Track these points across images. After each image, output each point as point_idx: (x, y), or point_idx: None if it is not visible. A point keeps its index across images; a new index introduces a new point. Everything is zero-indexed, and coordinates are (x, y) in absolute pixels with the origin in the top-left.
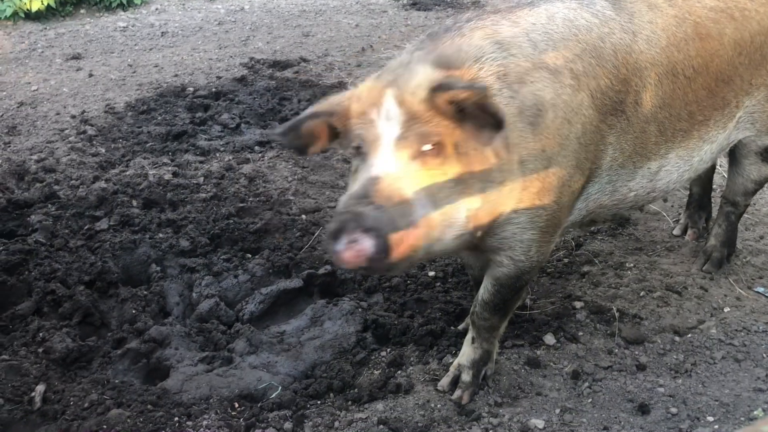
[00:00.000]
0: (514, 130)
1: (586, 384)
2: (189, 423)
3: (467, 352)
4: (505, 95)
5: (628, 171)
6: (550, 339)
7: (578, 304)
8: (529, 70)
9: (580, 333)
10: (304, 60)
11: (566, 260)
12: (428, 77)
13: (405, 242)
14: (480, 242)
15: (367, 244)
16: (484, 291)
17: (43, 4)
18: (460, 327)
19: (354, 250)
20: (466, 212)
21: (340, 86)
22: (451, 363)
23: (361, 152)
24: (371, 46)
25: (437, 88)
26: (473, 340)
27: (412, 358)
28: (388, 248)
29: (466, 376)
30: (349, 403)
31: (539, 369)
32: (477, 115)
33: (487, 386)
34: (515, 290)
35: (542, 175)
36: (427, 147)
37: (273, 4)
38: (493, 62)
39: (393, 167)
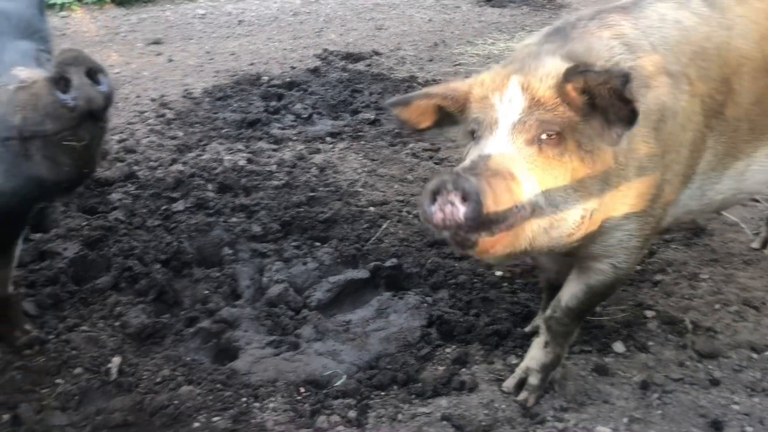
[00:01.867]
0: (637, 133)
1: (656, 395)
2: (256, 404)
3: (537, 356)
4: None
5: (718, 173)
6: (619, 347)
7: (649, 314)
8: (653, 74)
9: (651, 343)
10: (377, 53)
11: (638, 267)
12: (558, 67)
13: (505, 219)
14: (578, 248)
15: (460, 208)
16: (571, 298)
17: None
18: (527, 329)
19: (446, 212)
20: (581, 212)
21: (411, 80)
22: (516, 364)
23: (475, 136)
24: (444, 42)
25: (572, 73)
26: (546, 344)
27: (476, 357)
28: (483, 216)
29: (533, 380)
30: (413, 396)
31: (607, 377)
32: (608, 108)
33: (553, 390)
34: (605, 298)
35: (657, 182)
36: (546, 136)
37: None
38: (623, 64)
39: (507, 148)
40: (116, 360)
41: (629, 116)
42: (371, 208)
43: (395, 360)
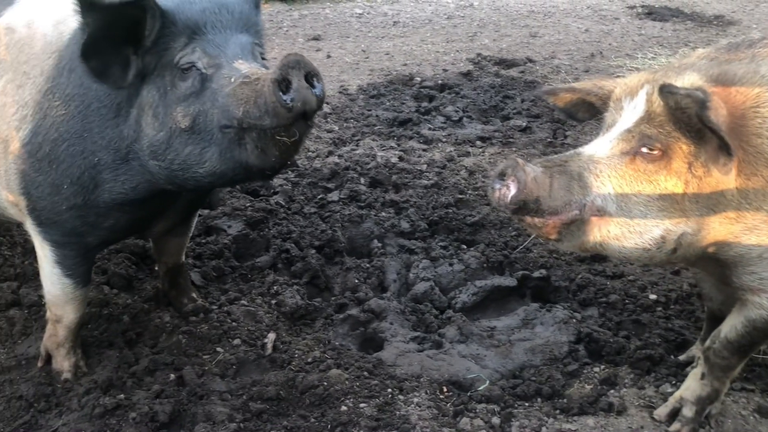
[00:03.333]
0: None
1: None
2: (400, 397)
3: (693, 387)
4: None
5: None
6: None
7: None
8: None
9: None
10: (530, 60)
11: None
12: (687, 86)
13: (557, 214)
14: (729, 277)
15: (511, 191)
16: (731, 330)
17: None
18: (682, 357)
19: (500, 192)
20: (661, 231)
21: None
22: (670, 392)
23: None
24: (601, 53)
25: (662, 91)
26: (703, 376)
27: (626, 380)
28: (525, 202)
29: (688, 411)
30: (557, 411)
31: None
32: (706, 132)
33: (708, 426)
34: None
35: None
36: (646, 150)
37: (502, 2)
38: None
39: (599, 151)
40: (271, 336)
41: (720, 145)
42: None
43: (540, 372)
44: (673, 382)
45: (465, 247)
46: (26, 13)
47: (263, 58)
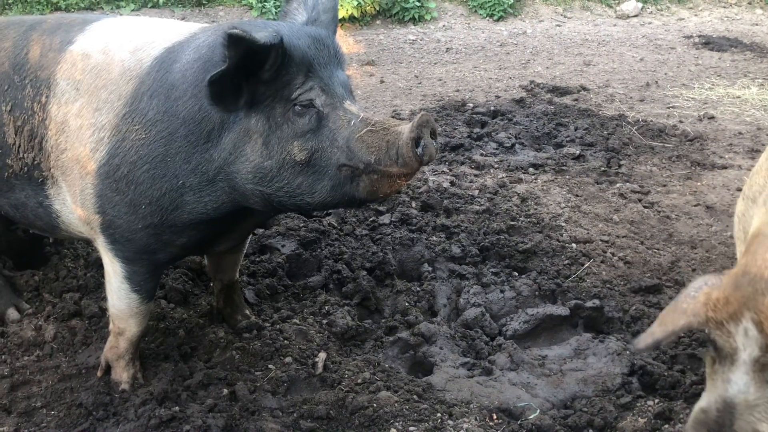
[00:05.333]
0: None
1: None
2: (450, 422)
3: None
4: None
5: None
6: None
7: None
8: None
9: None
10: (584, 88)
11: None
12: None
13: None
14: None
15: None
16: None
17: (347, 12)
18: None
19: None
20: None
21: (621, 119)
22: None
23: (715, 359)
24: (656, 82)
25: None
26: None
27: (681, 415)
28: None
29: None
30: None
31: None
32: None
33: None
34: None
35: None
36: None
37: (555, 30)
38: None
39: (750, 392)
40: (322, 355)
41: None
42: (573, 245)
43: (592, 403)
44: None
45: (516, 274)
46: (100, 40)
47: (351, 94)
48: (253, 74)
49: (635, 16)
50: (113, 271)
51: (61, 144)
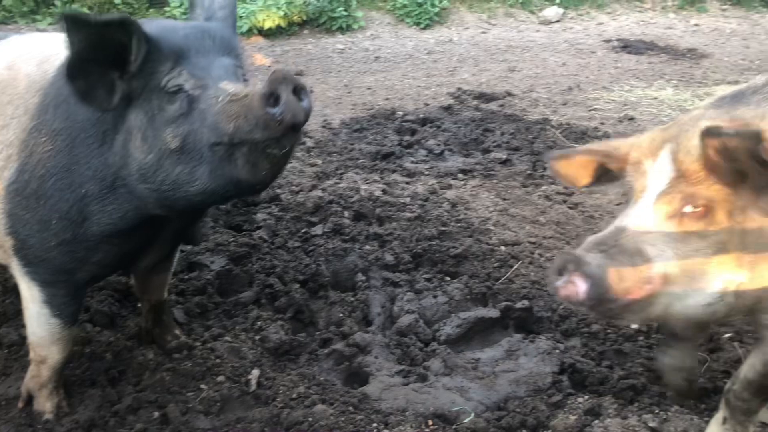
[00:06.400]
0: None
1: None
2: (386, 431)
3: None
4: None
5: None
6: None
7: None
8: None
9: None
10: (510, 94)
11: None
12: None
13: (630, 294)
14: (751, 317)
15: (581, 288)
16: (749, 369)
17: (274, 23)
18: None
19: (569, 289)
20: (723, 282)
21: (545, 122)
22: (653, 423)
23: (627, 200)
24: (578, 86)
25: (706, 135)
26: (724, 421)
27: (610, 410)
28: (603, 295)
29: None
30: None
31: None
32: (751, 174)
33: None
34: None
35: None
36: (690, 209)
37: (480, 37)
38: None
39: (644, 221)
40: (255, 372)
41: (760, 185)
42: (502, 248)
43: (525, 404)
44: (656, 411)
45: (448, 279)
46: (7, 56)
47: (245, 80)
48: (123, 68)
49: (557, 21)
50: (31, 297)
51: None
